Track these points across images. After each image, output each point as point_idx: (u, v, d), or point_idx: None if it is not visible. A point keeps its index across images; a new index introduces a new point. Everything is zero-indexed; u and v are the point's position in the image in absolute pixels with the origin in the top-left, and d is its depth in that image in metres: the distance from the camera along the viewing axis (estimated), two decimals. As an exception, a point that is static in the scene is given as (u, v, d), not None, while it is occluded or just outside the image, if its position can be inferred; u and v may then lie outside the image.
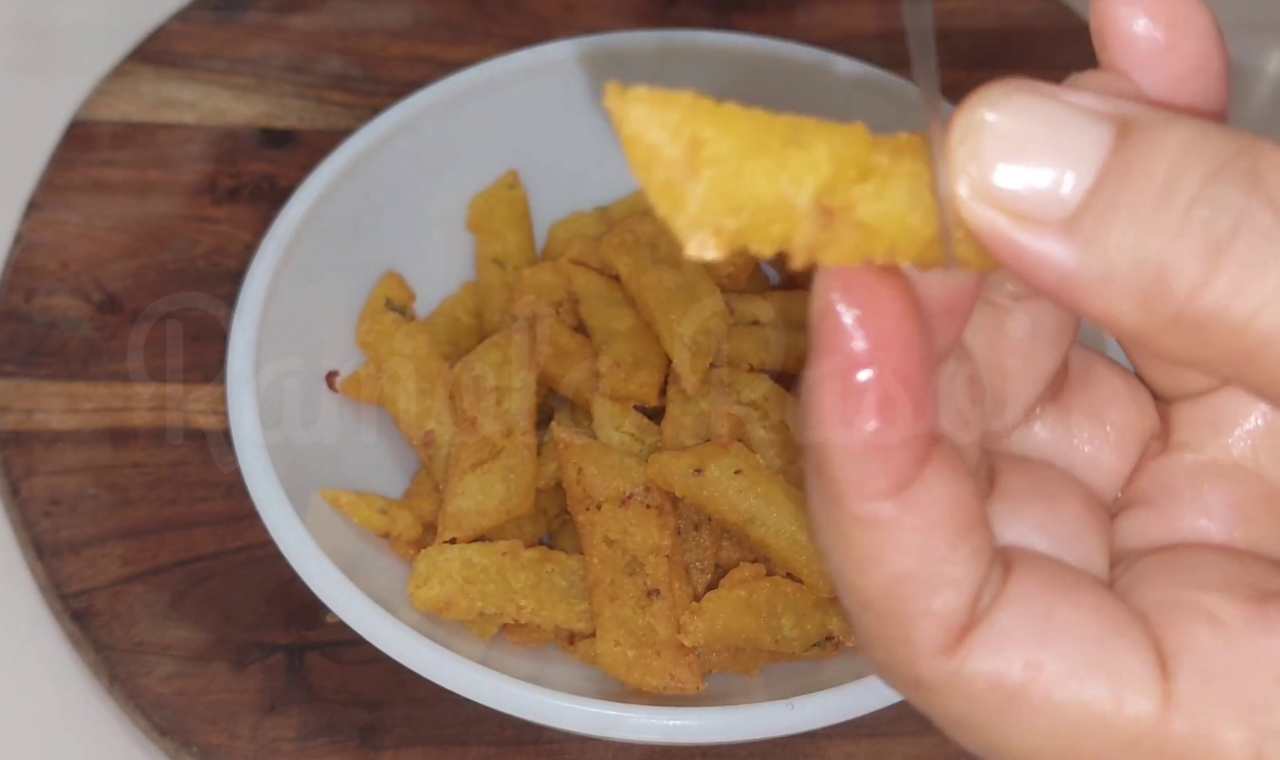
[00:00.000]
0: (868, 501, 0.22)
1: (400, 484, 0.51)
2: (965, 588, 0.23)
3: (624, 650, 0.43)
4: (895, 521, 0.22)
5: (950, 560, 0.22)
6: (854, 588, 0.23)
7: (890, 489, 0.22)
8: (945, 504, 0.22)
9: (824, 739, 0.47)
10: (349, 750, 0.46)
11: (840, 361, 0.22)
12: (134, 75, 0.66)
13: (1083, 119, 0.21)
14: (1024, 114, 0.21)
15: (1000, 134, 0.21)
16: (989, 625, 0.23)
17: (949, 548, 0.22)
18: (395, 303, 0.53)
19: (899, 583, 0.22)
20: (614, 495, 0.46)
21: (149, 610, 0.49)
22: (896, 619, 0.23)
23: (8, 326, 0.57)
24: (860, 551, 0.22)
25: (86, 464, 0.53)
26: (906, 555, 0.22)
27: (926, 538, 0.22)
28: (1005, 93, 0.21)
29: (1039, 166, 0.21)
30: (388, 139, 0.53)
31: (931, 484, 0.22)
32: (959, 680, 0.23)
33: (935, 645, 0.23)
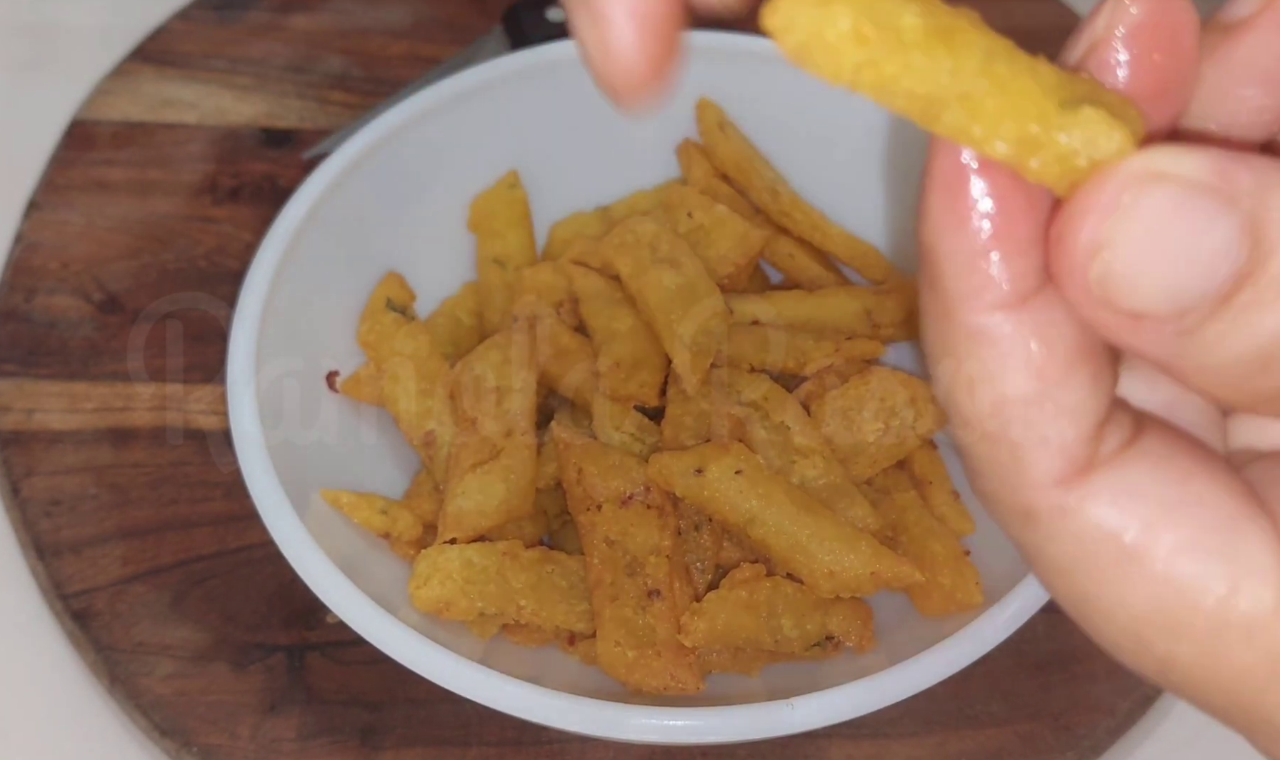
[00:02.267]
0: (981, 313, 0.21)
1: (400, 484, 0.51)
2: (1084, 419, 0.22)
3: (624, 651, 0.43)
4: (1010, 337, 0.21)
5: (1067, 385, 0.21)
6: (962, 410, 0.22)
7: (1006, 299, 0.21)
8: (1065, 324, 0.21)
9: (824, 739, 0.47)
10: (349, 750, 0.46)
11: (952, 159, 0.21)
12: (135, 75, 0.66)
13: (1220, 223, 0.20)
14: (1154, 225, 0.20)
15: (1129, 249, 0.20)
16: (1116, 473, 0.22)
17: (1065, 370, 0.21)
18: (396, 303, 0.53)
19: (1010, 405, 0.21)
20: (614, 495, 0.46)
21: (149, 610, 0.49)
22: (1008, 444, 0.22)
23: (8, 326, 0.57)
24: (973, 369, 0.22)
25: (87, 464, 0.53)
26: (1020, 374, 0.21)
27: (1044, 357, 0.21)
28: (1135, 200, 0.20)
29: (1167, 284, 0.20)
30: (389, 139, 0.53)
31: (1052, 304, 0.21)
32: (1073, 521, 0.22)
33: (1051, 474, 0.22)
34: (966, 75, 0.20)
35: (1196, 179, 0.20)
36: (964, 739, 0.47)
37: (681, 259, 0.50)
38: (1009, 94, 0.20)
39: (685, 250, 0.51)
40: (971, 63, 0.20)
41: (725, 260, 0.52)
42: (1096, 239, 0.21)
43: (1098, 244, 0.20)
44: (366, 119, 0.58)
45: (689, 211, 0.53)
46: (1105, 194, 0.20)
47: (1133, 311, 0.21)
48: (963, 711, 0.48)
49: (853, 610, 0.45)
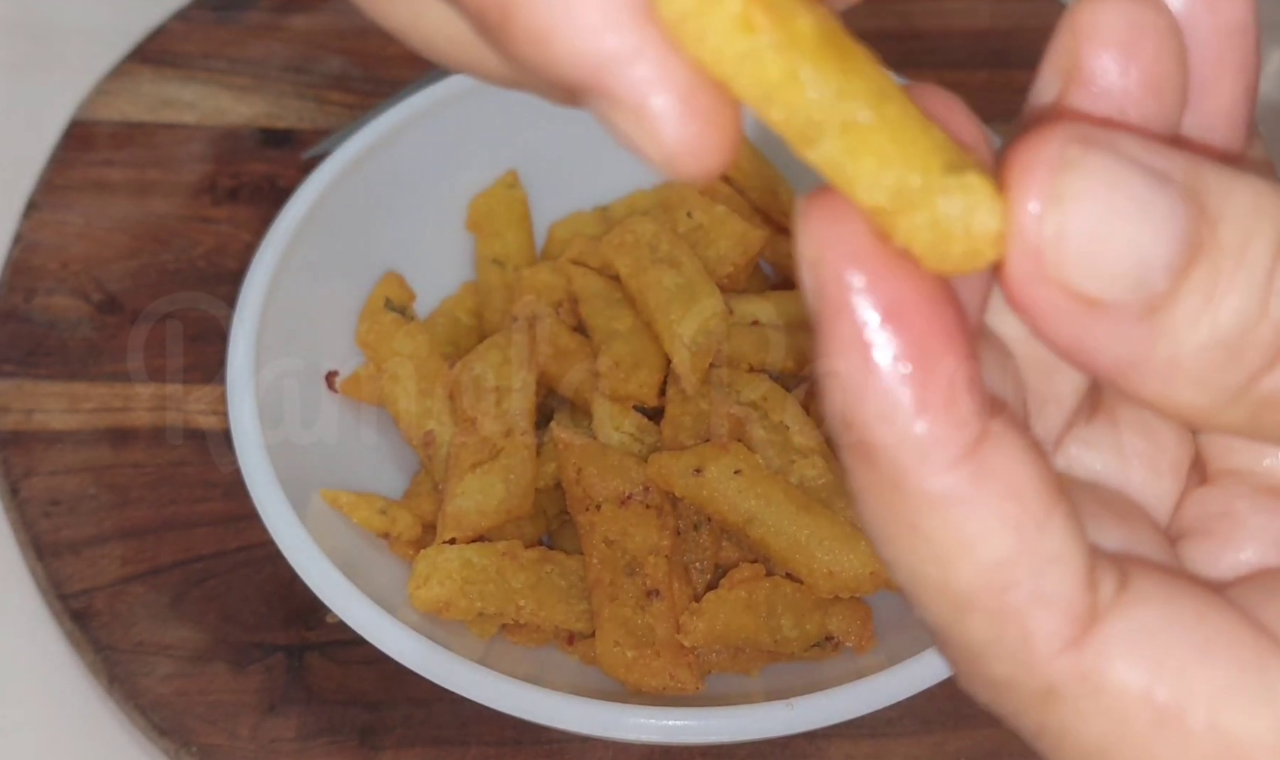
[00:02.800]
0: (935, 475, 0.19)
1: (400, 484, 0.51)
2: (1074, 565, 0.19)
3: (623, 650, 0.43)
4: (974, 493, 0.19)
5: (1048, 532, 0.19)
6: (945, 589, 0.19)
7: (959, 454, 0.18)
8: (1026, 466, 0.19)
9: (824, 739, 0.47)
10: (349, 750, 0.47)
11: (855, 325, 0.18)
12: (134, 75, 0.66)
13: (1160, 190, 0.18)
14: (1106, 187, 0.18)
15: (1084, 215, 0.18)
16: (1125, 621, 0.19)
17: (1043, 516, 0.19)
18: (395, 303, 0.53)
19: (999, 569, 0.19)
20: (613, 495, 0.46)
21: (149, 610, 0.49)
22: (1008, 614, 0.19)
23: (8, 326, 0.57)
24: (941, 541, 0.19)
25: (86, 464, 0.53)
26: (999, 533, 0.19)
27: (1015, 507, 0.19)
28: (1082, 153, 0.18)
29: (1125, 253, 0.18)
30: (388, 139, 0.53)
31: (1004, 444, 0.19)
32: (1096, 684, 0.19)
33: (1060, 637, 0.19)
34: (855, 104, 0.18)
35: (1126, 149, 0.19)
36: (962, 738, 0.47)
37: (681, 259, 0.50)
38: (896, 138, 0.18)
39: (685, 250, 0.51)
40: (862, 92, 0.18)
41: (725, 260, 0.52)
42: (1048, 197, 0.18)
43: (1050, 202, 0.18)
44: (366, 119, 0.58)
45: (688, 211, 0.53)
46: (1044, 156, 0.18)
47: (1092, 295, 0.18)
48: (961, 711, 0.48)
49: (852, 610, 0.46)
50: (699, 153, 0.18)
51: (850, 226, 0.19)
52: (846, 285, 0.18)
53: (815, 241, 0.19)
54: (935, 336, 0.18)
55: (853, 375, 0.18)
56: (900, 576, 0.20)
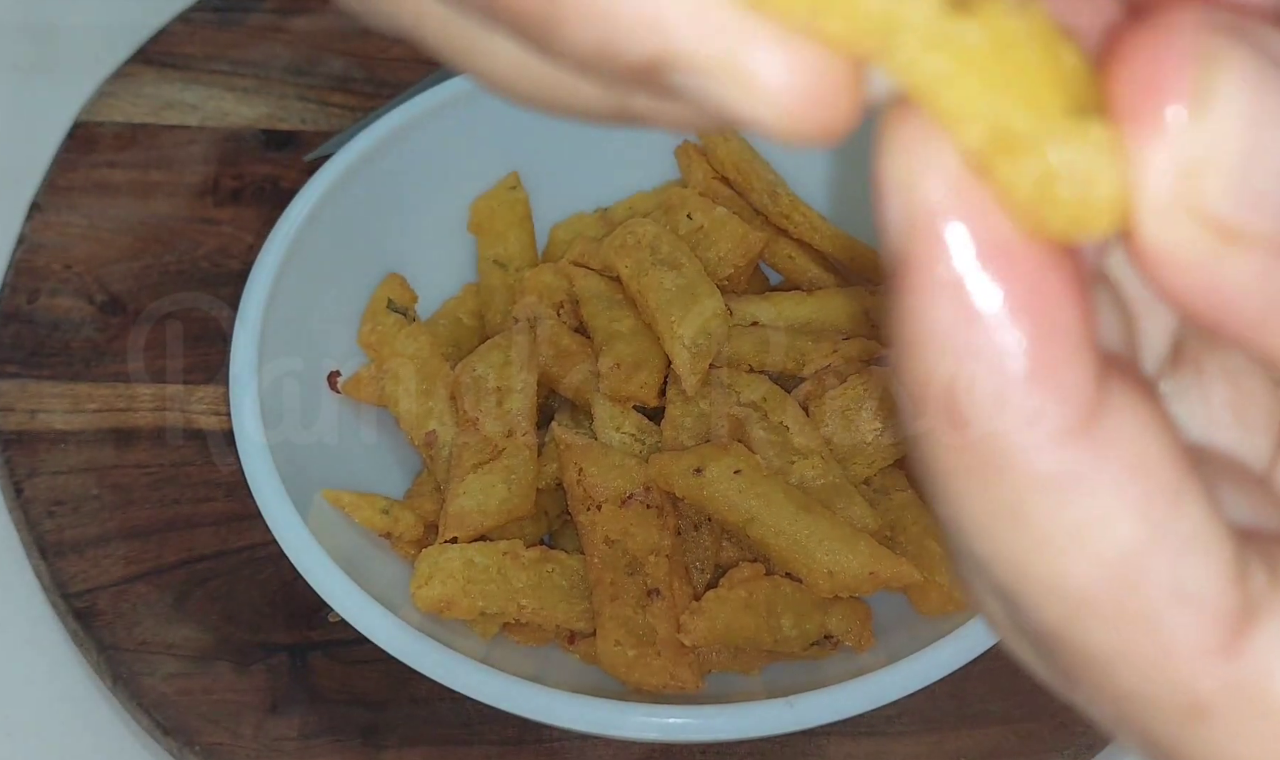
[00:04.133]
0: (1047, 452, 0.15)
1: (402, 484, 0.51)
2: (1218, 552, 0.16)
3: (624, 649, 0.44)
4: (1093, 469, 0.15)
5: (1182, 513, 0.15)
6: (1058, 588, 0.16)
7: (1075, 425, 0.15)
8: (1153, 436, 0.16)
9: (823, 738, 0.47)
10: (351, 749, 0.47)
11: (953, 264, 0.15)
12: (137, 77, 0.66)
13: None
14: (1257, 88, 0.14)
15: (1235, 124, 0.14)
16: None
17: (1176, 495, 0.15)
18: (397, 304, 0.53)
19: (1126, 561, 0.15)
20: (614, 495, 0.46)
21: (152, 610, 0.50)
22: (1141, 616, 0.16)
23: (11, 327, 0.57)
24: (1054, 530, 0.15)
25: (89, 464, 0.53)
26: (1125, 517, 0.15)
27: (1143, 486, 0.15)
28: (1229, 45, 0.14)
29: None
30: (390, 141, 0.53)
31: (1126, 411, 0.15)
32: (1256, 698, 0.16)
33: (1206, 643, 0.16)
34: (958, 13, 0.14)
35: (1268, 43, 0.15)
36: (961, 737, 0.47)
37: (681, 260, 0.50)
38: (1010, 61, 0.14)
39: (685, 252, 0.51)
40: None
41: (725, 262, 0.52)
42: (1192, 102, 0.14)
43: (1195, 108, 0.14)
44: (368, 121, 0.58)
45: (689, 213, 0.53)
46: (1177, 48, 0.14)
47: (1239, 225, 0.15)
48: (960, 710, 0.48)
49: (851, 609, 0.46)
50: (818, 104, 0.15)
51: (949, 148, 0.15)
52: (945, 214, 0.15)
53: (906, 161, 0.15)
54: (1049, 284, 0.15)
55: (945, 326, 0.15)
56: (1000, 574, 0.16)
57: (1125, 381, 0.16)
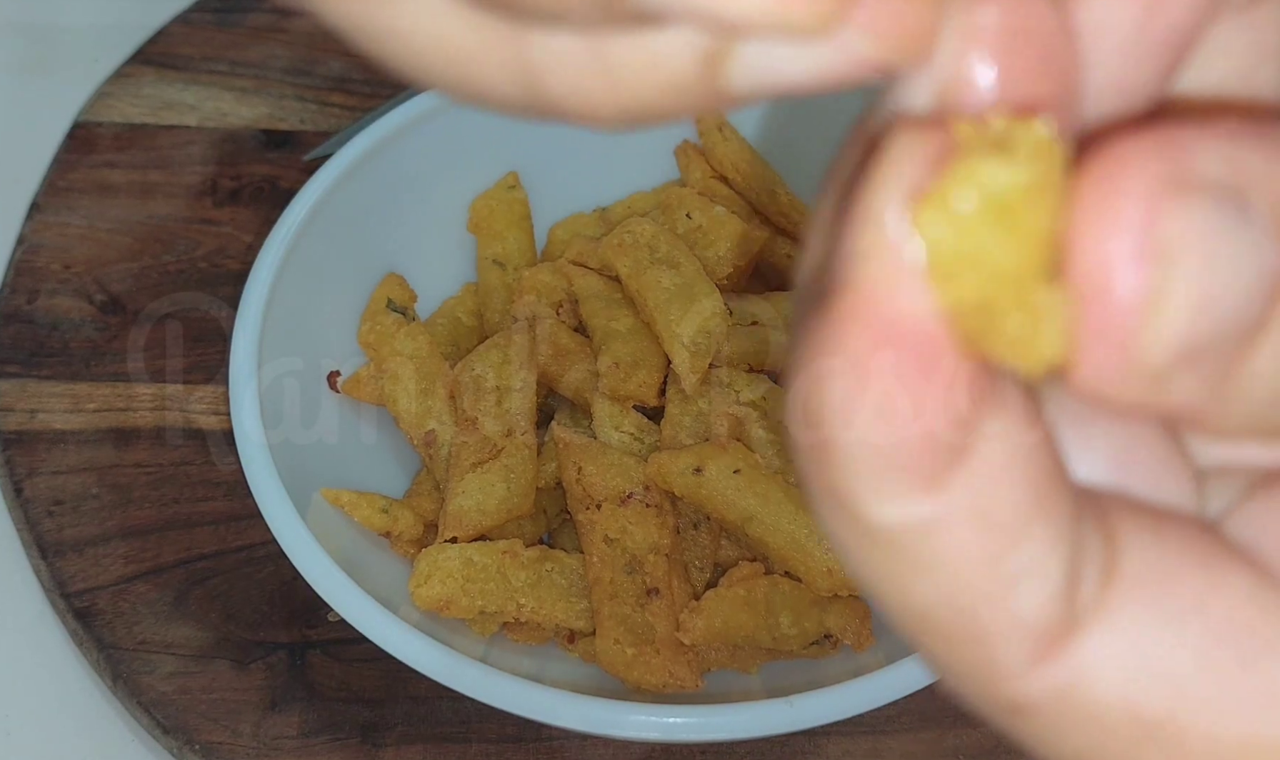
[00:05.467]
0: (892, 505, 0.16)
1: (401, 483, 0.51)
2: (1050, 576, 0.16)
3: (623, 648, 0.44)
4: (937, 520, 0.16)
5: (1027, 539, 0.16)
6: (903, 607, 0.17)
7: (926, 481, 0.15)
8: (1011, 475, 0.16)
9: (822, 737, 0.47)
10: (350, 748, 0.47)
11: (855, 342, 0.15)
12: (136, 77, 0.67)
13: (1241, 222, 0.15)
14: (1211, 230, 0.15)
15: (1198, 272, 0.15)
16: (1108, 627, 0.16)
17: (1023, 525, 0.16)
18: (396, 303, 0.53)
19: (962, 594, 0.16)
20: (613, 494, 0.46)
21: (151, 609, 0.50)
22: (969, 640, 0.17)
23: (11, 327, 0.57)
24: (896, 562, 0.16)
25: (89, 464, 0.53)
26: (964, 554, 0.16)
27: (984, 534, 0.16)
28: (1176, 190, 0.15)
29: (1227, 304, 0.15)
30: (389, 141, 0.53)
31: (987, 453, 0.16)
32: (1072, 699, 0.16)
33: (1025, 656, 0.16)
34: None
35: (1217, 180, 0.15)
36: (960, 735, 0.47)
37: (680, 260, 0.51)
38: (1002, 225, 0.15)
39: (684, 251, 0.51)
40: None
41: (724, 261, 0.52)
42: (1143, 296, 0.15)
43: (1147, 303, 0.15)
44: (367, 121, 0.58)
45: (688, 212, 0.53)
46: (1130, 216, 0.15)
47: (1184, 356, 0.15)
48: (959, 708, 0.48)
49: (850, 608, 0.46)
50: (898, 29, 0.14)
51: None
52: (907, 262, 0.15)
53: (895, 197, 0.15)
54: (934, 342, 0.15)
55: (840, 373, 0.15)
56: (859, 584, 0.17)
57: (999, 414, 0.16)
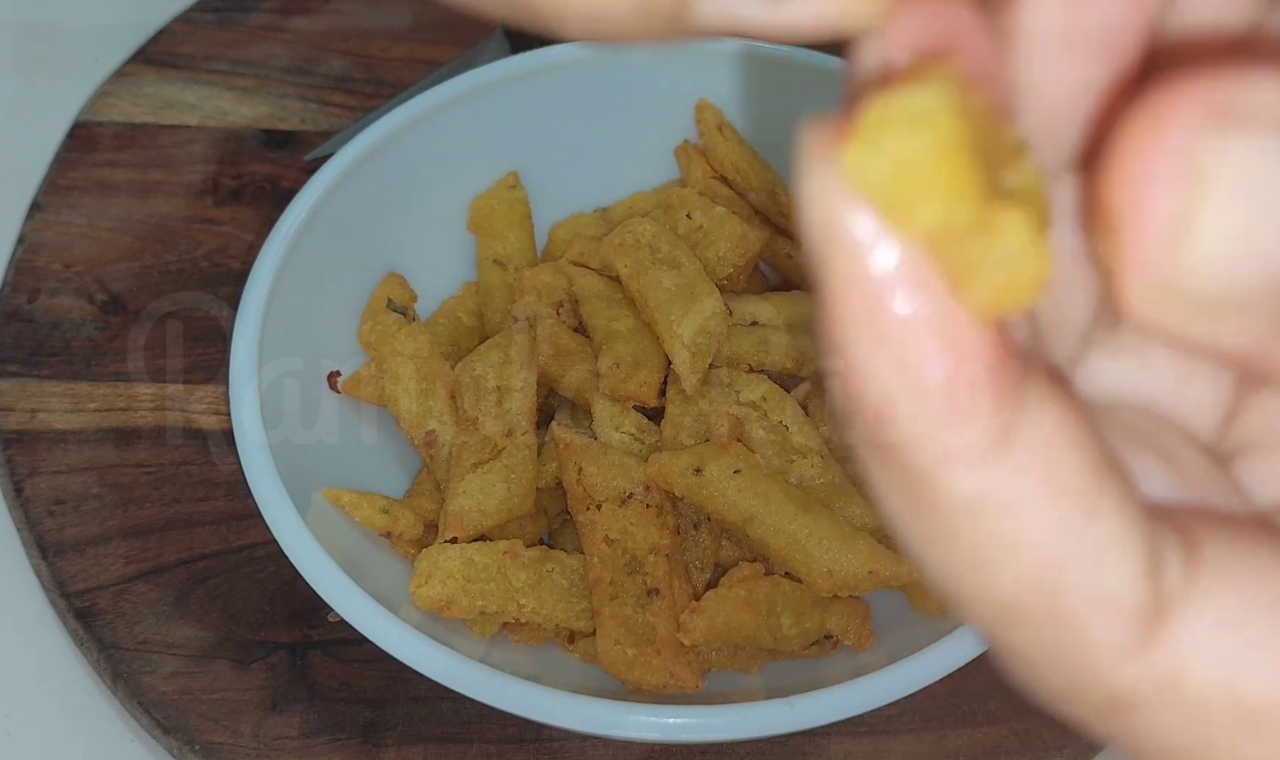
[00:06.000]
0: (964, 473, 0.16)
1: (402, 483, 0.51)
2: (1133, 552, 0.16)
3: (624, 648, 0.44)
4: (1009, 489, 0.16)
5: (1098, 517, 0.16)
6: (988, 598, 0.17)
7: (987, 445, 0.15)
8: (1068, 440, 0.16)
9: (823, 737, 0.47)
10: (351, 748, 0.47)
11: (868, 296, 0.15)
12: (137, 77, 0.67)
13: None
14: (1261, 169, 0.15)
15: (1232, 217, 0.15)
16: (1200, 609, 0.16)
17: (1093, 500, 0.16)
18: (397, 303, 0.53)
19: (1048, 570, 0.16)
20: (614, 495, 0.46)
21: (152, 609, 0.50)
22: (1063, 621, 0.16)
23: (11, 327, 0.57)
24: (978, 547, 0.16)
25: (90, 463, 0.53)
26: (1042, 530, 0.16)
27: (1059, 497, 0.16)
28: (1225, 123, 0.15)
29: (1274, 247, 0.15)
30: (390, 141, 0.53)
31: (1041, 418, 0.16)
32: (1174, 689, 0.16)
33: (1123, 640, 0.16)
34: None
35: (1263, 113, 0.14)
36: (961, 736, 0.47)
37: (681, 260, 0.51)
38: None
39: (685, 251, 0.51)
40: None
41: (724, 261, 0.52)
42: (1176, 219, 0.15)
43: (1180, 225, 0.15)
44: (367, 121, 0.58)
45: (688, 213, 0.53)
46: (1167, 153, 0.15)
47: (1233, 287, 0.15)
48: (960, 708, 0.48)
49: (851, 608, 0.46)
50: None
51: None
52: (853, 239, 0.15)
53: (819, 176, 0.15)
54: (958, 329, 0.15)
55: (861, 352, 0.15)
56: (937, 584, 0.17)
57: (1040, 381, 0.16)
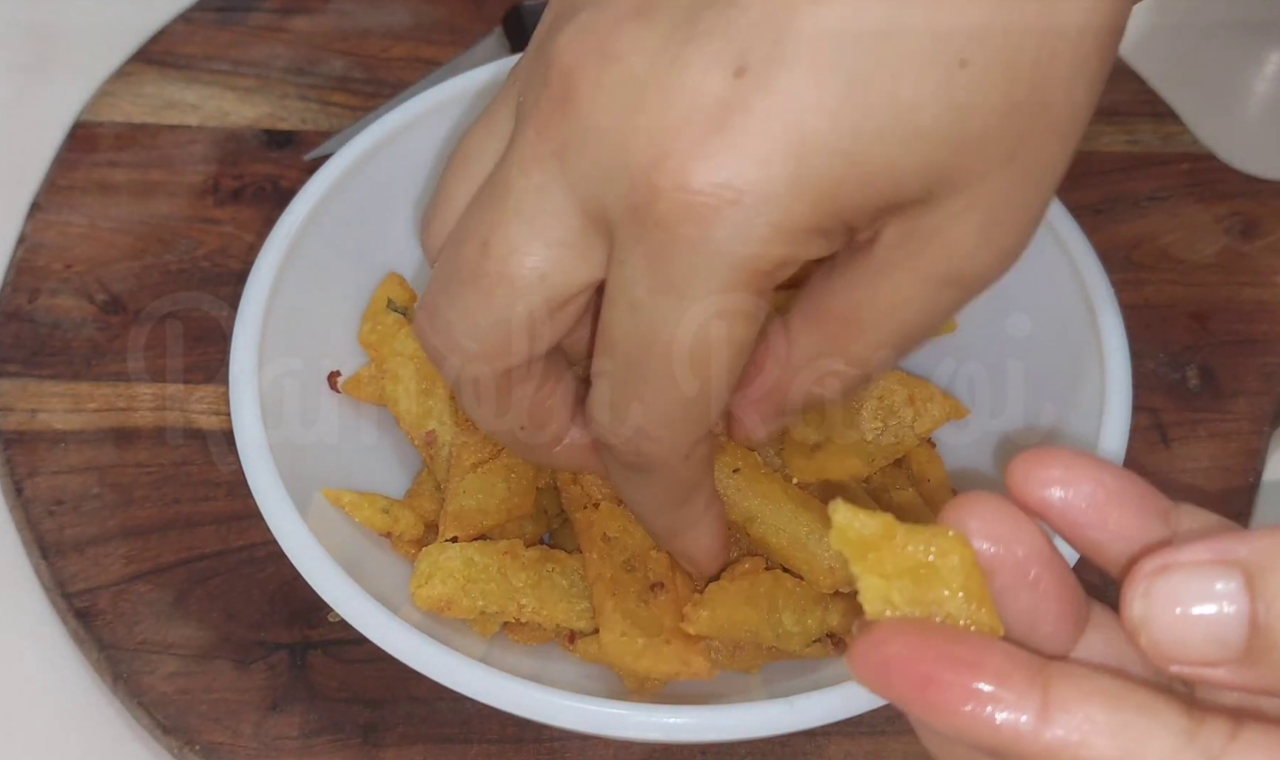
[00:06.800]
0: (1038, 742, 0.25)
1: (402, 483, 0.51)
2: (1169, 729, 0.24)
3: (633, 639, 0.43)
4: (1068, 733, 0.25)
5: (1152, 725, 0.25)
6: None
7: (1032, 724, 0.25)
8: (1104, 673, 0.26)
9: (823, 738, 0.47)
10: (351, 748, 0.47)
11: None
12: (137, 77, 0.67)
13: (1214, 576, 0.25)
14: (1173, 602, 0.25)
15: (1161, 620, 0.25)
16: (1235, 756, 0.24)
17: (1141, 714, 0.25)
18: (397, 303, 0.53)
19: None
20: (611, 494, 0.46)
21: (152, 609, 0.50)
22: None
23: (11, 327, 0.57)
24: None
25: (90, 464, 0.53)
26: (1105, 741, 0.24)
27: (1111, 722, 0.25)
28: (1149, 588, 0.26)
29: (1201, 630, 0.25)
30: (390, 140, 0.53)
31: (1071, 670, 0.26)
32: None
33: None
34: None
35: (1198, 559, 0.25)
36: (962, 737, 0.47)
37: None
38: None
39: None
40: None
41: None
42: (1133, 621, 0.26)
43: (1135, 626, 0.26)
44: (368, 120, 0.58)
45: (689, 212, 0.53)
46: (1135, 580, 0.26)
47: (1195, 661, 0.25)
48: (961, 709, 0.48)
49: (854, 606, 0.46)
50: None
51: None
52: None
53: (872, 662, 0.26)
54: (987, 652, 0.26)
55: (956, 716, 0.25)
56: None
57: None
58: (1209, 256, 0.61)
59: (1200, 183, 0.64)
